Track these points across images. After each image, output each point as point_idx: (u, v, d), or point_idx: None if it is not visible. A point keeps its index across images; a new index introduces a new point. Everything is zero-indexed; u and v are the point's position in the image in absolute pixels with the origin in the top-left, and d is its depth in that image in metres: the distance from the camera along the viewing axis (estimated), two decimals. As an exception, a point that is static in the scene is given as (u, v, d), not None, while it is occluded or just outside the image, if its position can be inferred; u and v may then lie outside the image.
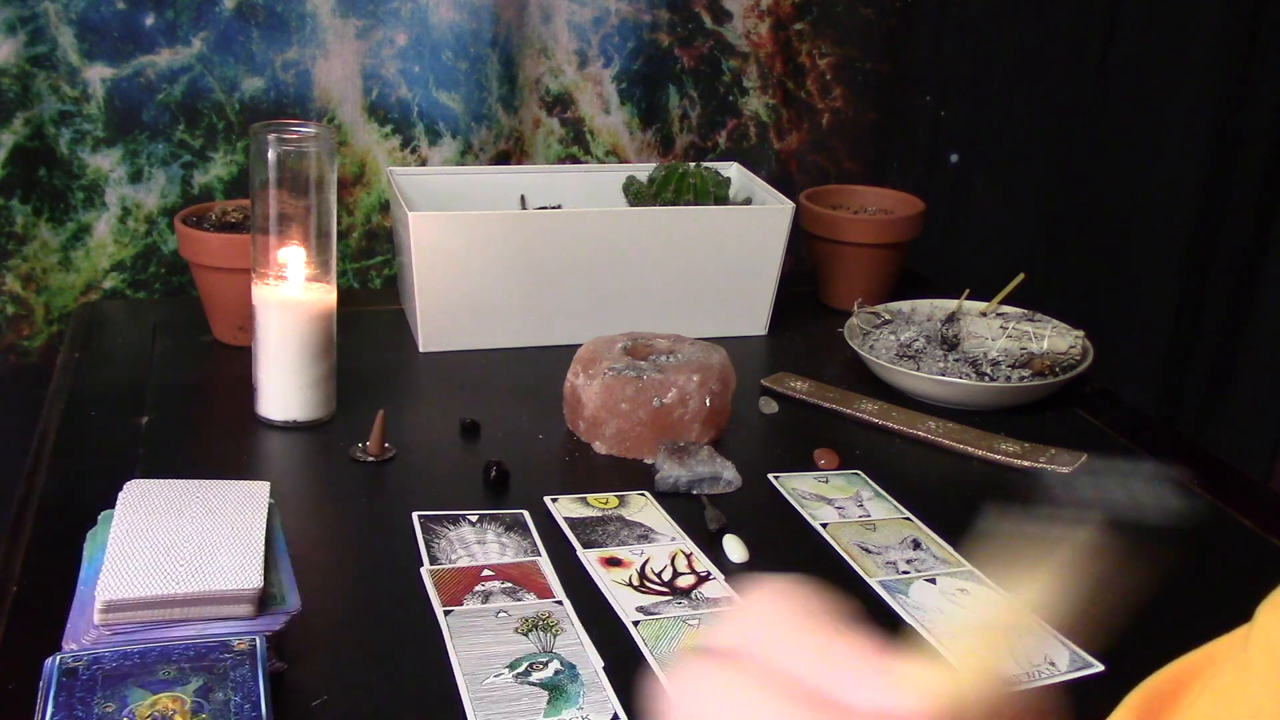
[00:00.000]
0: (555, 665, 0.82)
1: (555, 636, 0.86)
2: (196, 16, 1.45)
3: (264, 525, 0.86)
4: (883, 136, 1.80)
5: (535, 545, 0.98)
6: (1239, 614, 0.46)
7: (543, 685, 0.80)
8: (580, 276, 1.35)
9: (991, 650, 0.31)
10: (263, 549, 0.82)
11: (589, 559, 0.96)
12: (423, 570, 0.93)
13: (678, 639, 0.87)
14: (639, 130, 1.68)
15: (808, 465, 1.14)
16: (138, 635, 0.77)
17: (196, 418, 1.20)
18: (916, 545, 1.01)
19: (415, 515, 1.00)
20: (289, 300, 1.13)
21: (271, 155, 1.10)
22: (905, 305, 1.42)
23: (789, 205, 1.41)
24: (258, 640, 0.77)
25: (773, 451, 1.18)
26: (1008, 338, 1.34)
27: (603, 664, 0.83)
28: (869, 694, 0.27)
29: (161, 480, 0.90)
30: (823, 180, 1.75)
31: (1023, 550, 0.33)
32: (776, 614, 0.30)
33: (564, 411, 1.18)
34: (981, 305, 1.41)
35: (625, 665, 0.83)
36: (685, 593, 0.92)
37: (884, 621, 0.92)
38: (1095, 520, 0.33)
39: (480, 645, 0.84)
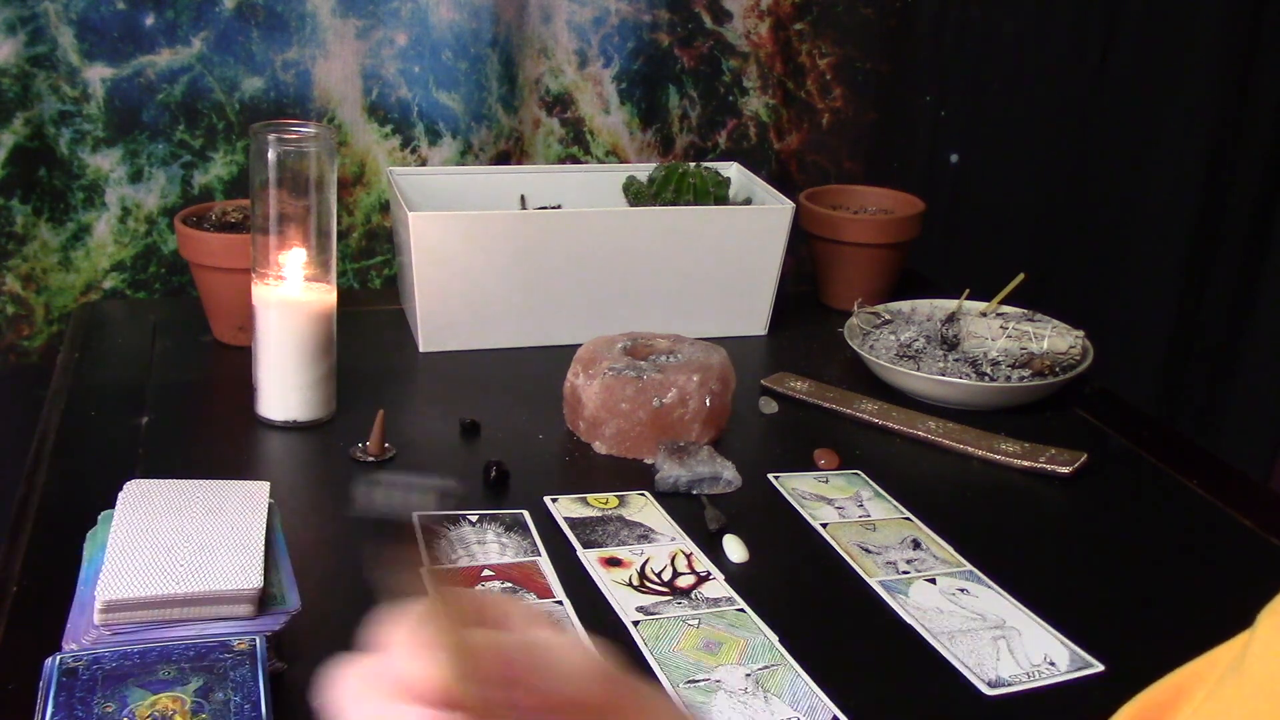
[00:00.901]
0: (555, 665, 0.82)
1: (555, 636, 0.86)
2: (196, 16, 1.45)
3: (264, 525, 0.86)
4: (883, 136, 1.80)
5: (535, 545, 0.98)
6: (1239, 614, 0.46)
7: (543, 685, 0.80)
8: (580, 276, 1.35)
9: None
10: (263, 549, 0.82)
11: (589, 559, 0.96)
12: (422, 570, 0.93)
13: (678, 639, 0.87)
14: (639, 130, 1.68)
15: (808, 465, 1.14)
16: (138, 635, 0.77)
17: (196, 418, 1.20)
18: (916, 545, 1.01)
19: (415, 515, 1.00)
20: (289, 300, 1.13)
21: (271, 155, 1.10)
22: (905, 305, 1.42)
23: (789, 205, 1.41)
24: (258, 640, 0.77)
25: (773, 451, 1.18)
26: (1008, 338, 1.34)
27: (603, 664, 0.83)
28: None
29: (161, 480, 0.90)
30: (823, 180, 1.75)
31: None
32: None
33: (564, 411, 1.18)
34: (981, 305, 1.41)
35: (625, 665, 0.83)
36: (685, 593, 0.92)
37: (885, 623, 0.92)
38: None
39: (480, 645, 0.84)
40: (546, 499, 1.05)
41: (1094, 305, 1.93)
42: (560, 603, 0.90)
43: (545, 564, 0.95)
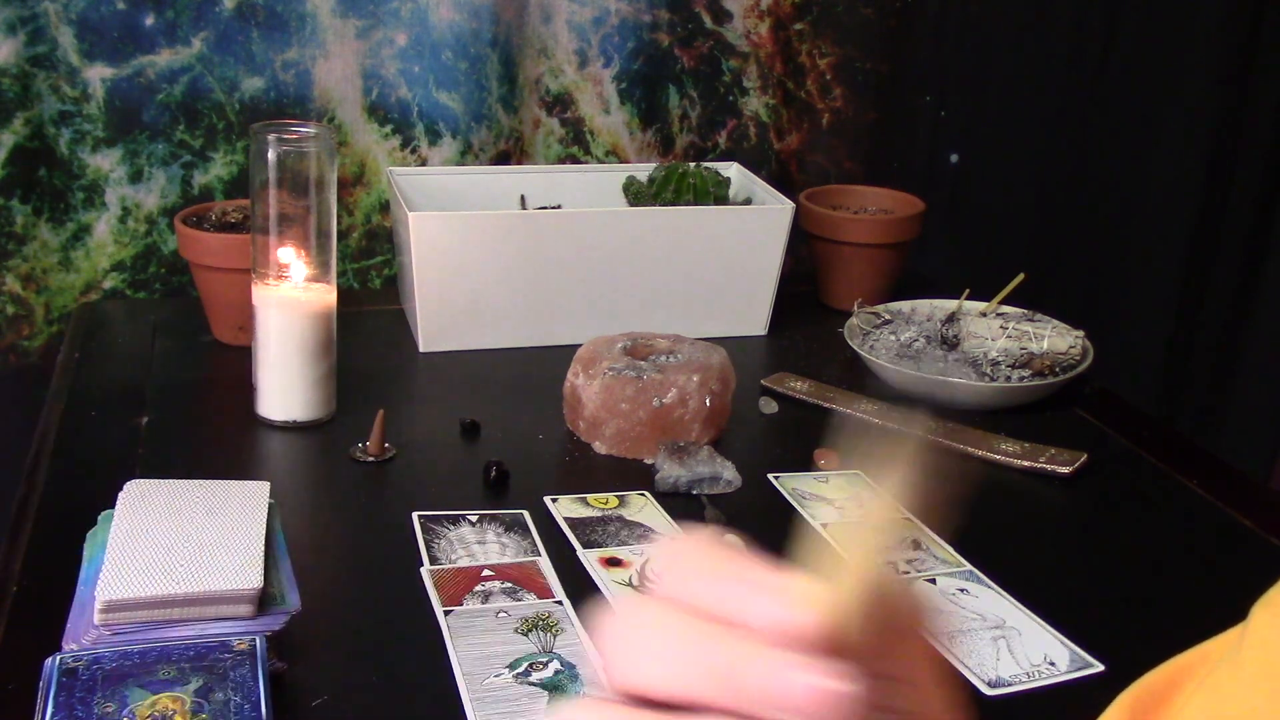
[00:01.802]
0: (555, 665, 0.82)
1: (555, 636, 0.86)
2: (196, 16, 1.45)
3: (264, 525, 0.86)
4: (883, 136, 1.80)
5: (535, 545, 0.98)
6: (1239, 614, 0.46)
7: (543, 685, 0.80)
8: (580, 276, 1.35)
9: (868, 552, 0.33)
10: (263, 549, 0.82)
11: (589, 559, 0.96)
12: (423, 570, 0.93)
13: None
14: (639, 130, 1.68)
15: (808, 465, 1.14)
16: (138, 635, 0.77)
17: (196, 418, 1.20)
18: (916, 545, 1.01)
19: (415, 515, 1.00)
20: (289, 300, 1.13)
21: (271, 155, 1.10)
22: (905, 305, 1.42)
23: (789, 205, 1.41)
24: (258, 640, 0.77)
25: (773, 451, 1.18)
26: (1008, 338, 1.34)
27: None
28: (766, 610, 0.30)
29: (161, 480, 0.90)
30: (823, 180, 1.75)
31: (884, 448, 0.34)
32: (688, 552, 0.33)
33: (564, 411, 1.18)
34: (981, 305, 1.41)
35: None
36: (685, 593, 0.92)
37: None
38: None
39: (480, 645, 0.84)
40: (546, 499, 1.05)
41: (1094, 305, 1.93)
42: (560, 603, 0.90)
43: (545, 564, 0.95)
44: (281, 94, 1.50)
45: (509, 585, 0.91)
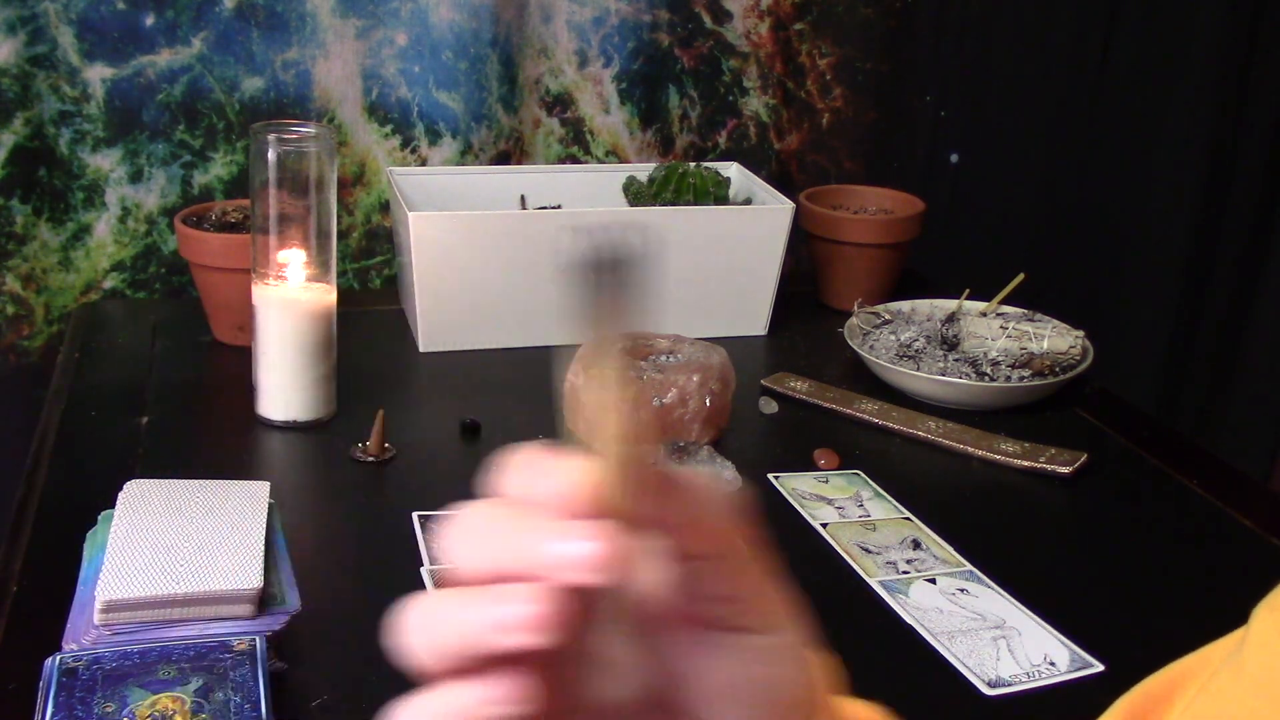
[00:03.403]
0: (555, 665, 0.82)
1: (555, 636, 0.85)
2: (196, 16, 1.45)
3: (264, 525, 0.86)
4: (883, 136, 1.80)
5: (535, 545, 0.97)
6: (1238, 614, 0.46)
7: (543, 685, 0.80)
8: (580, 276, 1.35)
9: (612, 432, 0.37)
10: (263, 549, 0.82)
11: (589, 559, 0.96)
12: (423, 570, 0.93)
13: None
14: (639, 130, 1.68)
15: (808, 465, 1.14)
16: (138, 635, 0.77)
17: (196, 418, 1.20)
18: (916, 545, 1.01)
19: (415, 515, 1.00)
20: (289, 300, 1.13)
21: (271, 155, 1.10)
22: (905, 305, 1.42)
23: (789, 205, 1.41)
24: (258, 640, 0.77)
25: (773, 451, 1.18)
26: (1008, 338, 1.34)
27: (603, 664, 0.83)
28: (550, 490, 0.35)
29: (161, 480, 0.90)
30: (823, 180, 1.75)
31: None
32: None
33: (564, 411, 1.18)
34: (981, 305, 1.41)
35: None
36: (685, 593, 0.92)
37: (884, 624, 0.92)
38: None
39: (480, 645, 0.84)
40: (546, 499, 1.04)
41: (1094, 305, 1.93)
42: (560, 603, 0.90)
43: (545, 564, 0.95)
44: (281, 94, 1.50)
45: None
